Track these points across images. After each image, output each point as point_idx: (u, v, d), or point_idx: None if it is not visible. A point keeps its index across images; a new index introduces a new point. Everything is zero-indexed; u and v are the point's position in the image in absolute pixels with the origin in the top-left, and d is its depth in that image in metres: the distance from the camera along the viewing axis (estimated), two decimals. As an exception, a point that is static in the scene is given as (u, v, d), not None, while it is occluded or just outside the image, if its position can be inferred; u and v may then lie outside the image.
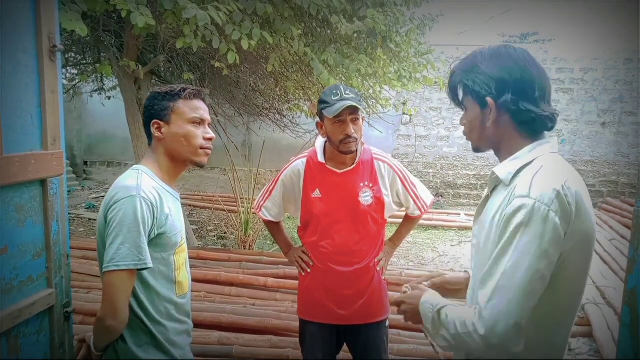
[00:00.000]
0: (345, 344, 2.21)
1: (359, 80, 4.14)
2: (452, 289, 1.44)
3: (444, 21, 4.69)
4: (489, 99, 1.15)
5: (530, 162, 1.13)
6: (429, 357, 2.89)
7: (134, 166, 1.55)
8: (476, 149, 1.29)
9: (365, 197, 2.04)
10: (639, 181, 0.95)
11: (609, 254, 5.23)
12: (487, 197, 1.24)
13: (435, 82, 4.95)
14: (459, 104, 1.26)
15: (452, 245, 6.18)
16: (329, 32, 3.83)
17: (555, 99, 8.29)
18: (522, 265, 1.01)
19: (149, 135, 1.56)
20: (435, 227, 6.97)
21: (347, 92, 1.93)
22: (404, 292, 1.35)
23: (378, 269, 2.12)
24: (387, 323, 2.19)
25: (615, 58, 8.18)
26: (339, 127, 1.94)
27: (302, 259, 2.15)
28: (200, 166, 1.57)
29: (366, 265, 2.07)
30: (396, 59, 4.34)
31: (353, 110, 1.92)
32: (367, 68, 3.86)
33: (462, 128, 1.29)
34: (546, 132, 1.19)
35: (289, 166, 2.13)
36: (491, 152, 1.26)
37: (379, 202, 2.06)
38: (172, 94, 1.51)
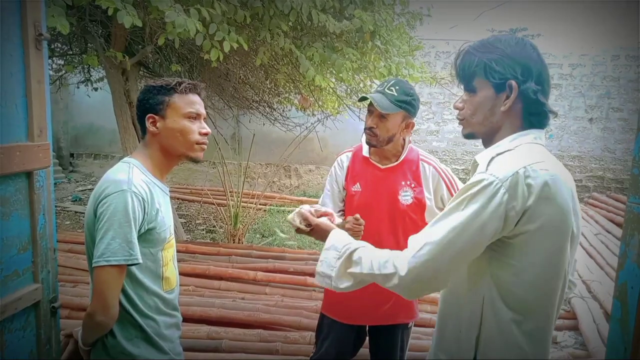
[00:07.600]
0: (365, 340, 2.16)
1: (349, 74, 4.12)
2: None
3: (434, 16, 4.71)
4: (512, 82, 1.13)
5: (507, 150, 1.14)
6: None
7: (125, 159, 1.53)
8: (470, 135, 1.25)
9: (405, 197, 1.97)
10: (632, 177, 0.95)
11: (594, 248, 5.30)
12: None
13: (421, 80, 5.00)
14: (467, 83, 1.21)
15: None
16: (317, 25, 3.80)
17: (544, 94, 8.34)
18: (457, 226, 1.07)
19: (143, 129, 1.53)
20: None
21: (389, 88, 1.86)
22: (308, 226, 1.44)
23: None
24: (412, 324, 2.14)
25: (603, 54, 8.25)
26: (368, 117, 1.93)
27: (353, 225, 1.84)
28: (196, 161, 1.56)
29: None
30: (384, 55, 4.33)
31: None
32: (353, 63, 3.83)
33: (451, 124, 1.29)
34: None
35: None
36: (480, 147, 1.25)
37: (419, 203, 1.97)
38: (168, 88, 1.48)
